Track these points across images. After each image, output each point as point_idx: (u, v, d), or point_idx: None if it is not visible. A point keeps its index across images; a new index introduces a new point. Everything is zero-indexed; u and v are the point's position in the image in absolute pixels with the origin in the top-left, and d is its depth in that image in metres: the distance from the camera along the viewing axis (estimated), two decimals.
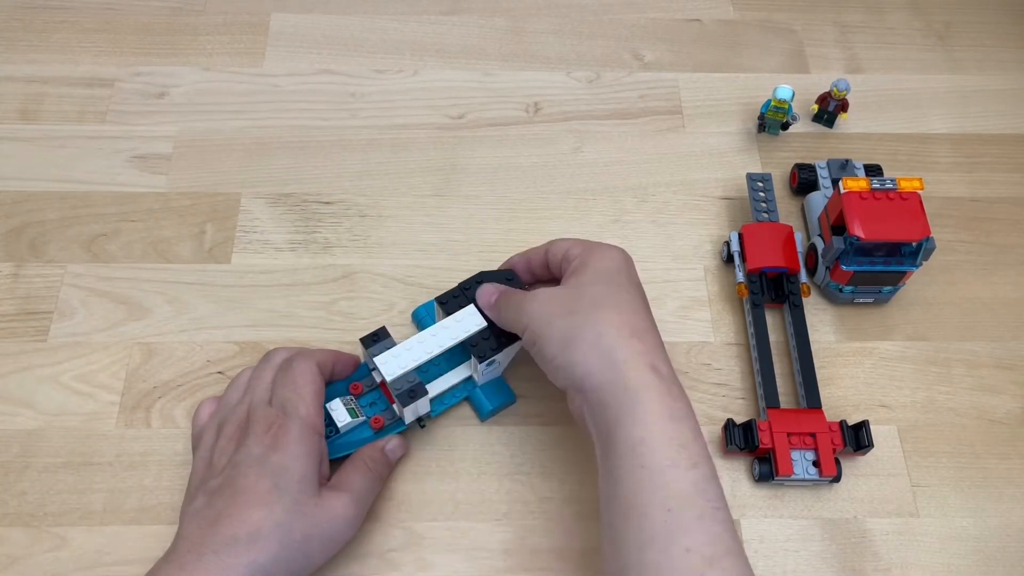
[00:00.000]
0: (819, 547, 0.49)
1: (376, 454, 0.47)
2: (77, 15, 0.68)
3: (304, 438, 0.43)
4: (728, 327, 0.56)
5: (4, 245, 0.57)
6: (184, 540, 0.41)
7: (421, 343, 0.48)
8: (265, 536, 0.40)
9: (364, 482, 0.45)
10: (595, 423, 0.41)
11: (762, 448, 0.49)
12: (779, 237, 0.56)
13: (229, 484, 0.42)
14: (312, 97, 0.65)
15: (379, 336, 0.49)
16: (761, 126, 0.64)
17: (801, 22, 0.72)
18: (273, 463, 0.42)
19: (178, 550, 0.41)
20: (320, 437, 0.45)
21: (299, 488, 0.42)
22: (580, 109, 0.66)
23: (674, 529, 0.37)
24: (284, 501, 0.41)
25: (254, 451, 0.43)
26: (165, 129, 0.63)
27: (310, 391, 0.45)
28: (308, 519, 0.42)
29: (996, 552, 0.49)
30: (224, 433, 0.45)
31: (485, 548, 0.48)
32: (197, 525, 0.41)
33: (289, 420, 0.44)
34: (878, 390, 0.54)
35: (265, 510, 0.41)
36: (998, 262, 0.60)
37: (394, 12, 0.70)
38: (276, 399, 0.45)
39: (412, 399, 0.47)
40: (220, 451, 0.44)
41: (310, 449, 0.43)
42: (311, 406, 0.45)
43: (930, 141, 0.65)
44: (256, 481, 0.41)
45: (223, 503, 0.41)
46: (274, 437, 0.43)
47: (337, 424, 0.48)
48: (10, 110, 0.63)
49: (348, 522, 0.44)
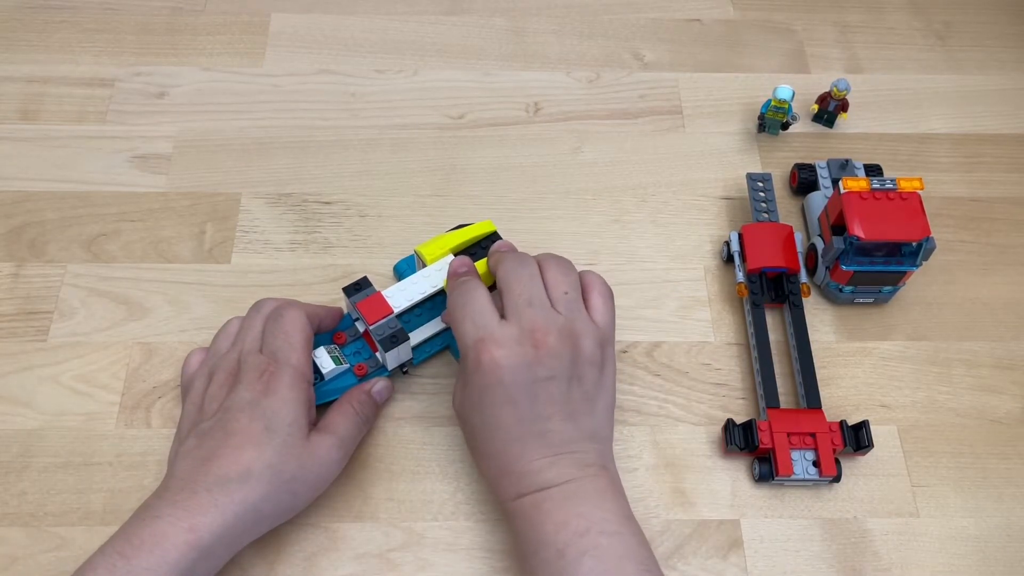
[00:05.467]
0: (819, 547, 0.49)
1: (362, 396, 0.49)
2: (77, 15, 0.68)
3: (295, 385, 0.45)
4: (728, 327, 0.56)
5: (4, 245, 0.57)
6: (175, 479, 0.42)
7: (402, 291, 0.50)
8: (256, 476, 0.41)
9: (349, 425, 0.47)
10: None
11: (762, 448, 0.49)
12: (779, 237, 0.56)
13: (221, 427, 0.43)
14: (312, 97, 0.65)
15: (361, 285, 0.50)
16: (761, 126, 0.64)
17: (801, 22, 0.72)
18: (264, 407, 0.43)
19: (170, 488, 0.42)
20: (309, 385, 0.46)
21: (289, 431, 0.43)
22: (580, 109, 0.66)
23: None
24: (275, 443, 0.42)
25: (246, 396, 0.44)
26: (165, 129, 0.63)
27: (300, 340, 0.46)
28: (297, 460, 0.43)
29: (996, 552, 0.49)
30: (215, 380, 0.46)
31: (485, 548, 0.48)
32: (189, 464, 0.42)
33: (281, 368, 0.45)
34: (878, 390, 0.54)
35: (256, 451, 0.42)
36: (998, 262, 0.60)
37: (394, 12, 0.70)
38: (267, 347, 0.46)
39: (394, 344, 0.49)
40: (211, 397, 0.45)
41: (300, 395, 0.45)
42: (301, 354, 0.46)
43: (930, 141, 0.65)
44: (248, 424, 0.43)
45: (215, 444, 0.42)
46: (266, 384, 0.44)
47: (322, 371, 0.49)
48: (10, 110, 0.63)
49: (334, 463, 0.45)
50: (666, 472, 0.51)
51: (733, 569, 0.48)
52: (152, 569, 0.38)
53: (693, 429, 0.52)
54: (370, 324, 0.48)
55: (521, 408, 0.43)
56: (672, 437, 0.52)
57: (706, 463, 0.51)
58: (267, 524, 0.44)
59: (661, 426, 0.52)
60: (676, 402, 0.53)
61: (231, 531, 0.41)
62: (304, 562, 0.47)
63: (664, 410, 0.53)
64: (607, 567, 0.39)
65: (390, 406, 0.52)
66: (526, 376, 0.43)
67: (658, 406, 0.53)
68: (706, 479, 0.51)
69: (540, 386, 0.43)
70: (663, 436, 0.52)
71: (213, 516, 0.40)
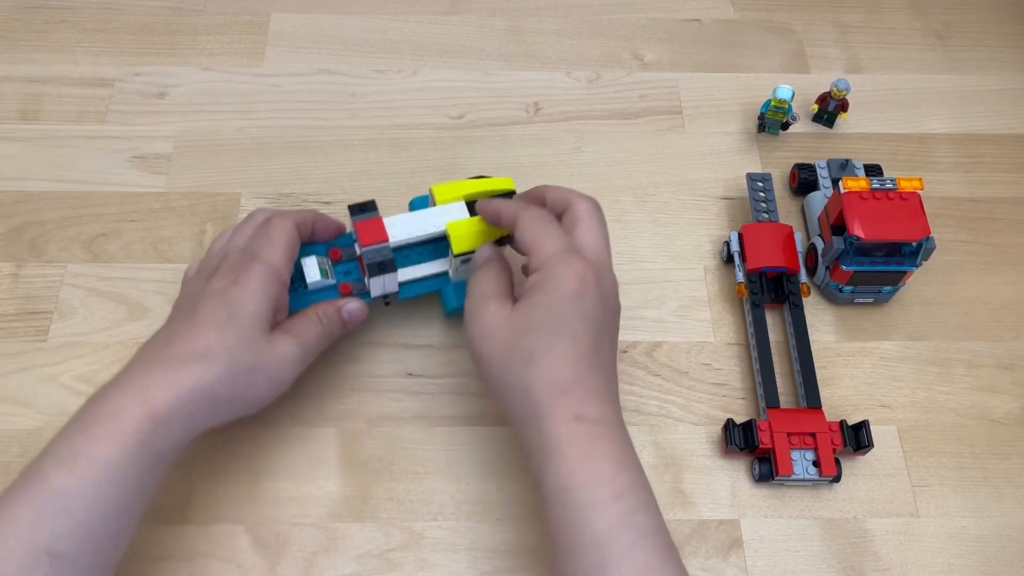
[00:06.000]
0: (819, 547, 0.49)
1: (331, 310, 0.49)
2: (77, 15, 0.68)
3: (265, 280, 0.45)
4: (728, 327, 0.56)
5: (4, 245, 0.57)
6: (137, 358, 0.43)
7: (403, 223, 0.50)
8: (213, 357, 0.42)
9: (312, 332, 0.47)
10: (527, 460, 0.42)
11: (762, 448, 0.49)
12: (779, 237, 0.56)
13: (189, 313, 0.44)
14: (312, 97, 0.65)
15: (366, 207, 0.50)
16: (761, 126, 0.64)
17: (801, 22, 0.72)
18: (231, 296, 0.44)
19: (130, 367, 0.43)
20: (282, 286, 0.47)
21: (252, 323, 0.44)
22: (580, 109, 0.66)
23: (603, 562, 0.37)
24: (235, 330, 0.43)
25: (217, 286, 0.45)
26: (165, 129, 0.63)
27: (282, 243, 0.47)
28: (256, 353, 0.44)
29: (996, 552, 0.49)
30: (200, 277, 0.48)
31: (485, 548, 0.48)
32: (152, 346, 0.44)
33: (255, 262, 0.46)
34: (878, 390, 0.54)
35: (217, 335, 0.43)
36: (998, 262, 0.60)
37: (394, 12, 0.70)
38: (248, 247, 0.47)
39: (381, 272, 0.49)
40: (192, 291, 0.47)
41: (269, 292, 0.45)
42: (280, 256, 0.46)
43: (930, 141, 0.65)
44: (213, 310, 0.44)
45: (180, 327, 0.44)
46: (236, 275, 0.45)
47: (307, 279, 0.49)
48: (10, 110, 0.63)
49: (292, 362, 0.46)
50: (666, 472, 0.51)
51: (733, 569, 0.48)
52: (109, 438, 0.38)
53: (693, 429, 0.52)
54: (363, 246, 0.49)
55: (594, 325, 0.42)
56: (672, 437, 0.52)
57: (706, 463, 0.51)
58: (223, 410, 0.44)
59: (661, 426, 0.52)
60: (676, 402, 0.53)
61: (186, 406, 0.41)
62: (304, 562, 0.47)
63: (664, 410, 0.53)
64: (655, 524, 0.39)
65: (390, 406, 0.52)
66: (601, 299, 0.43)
67: (658, 406, 0.53)
68: (706, 479, 0.51)
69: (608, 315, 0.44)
70: (663, 436, 0.52)
71: (167, 390, 0.40)
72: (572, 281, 0.42)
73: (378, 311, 0.55)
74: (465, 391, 0.53)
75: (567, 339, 0.41)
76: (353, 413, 0.52)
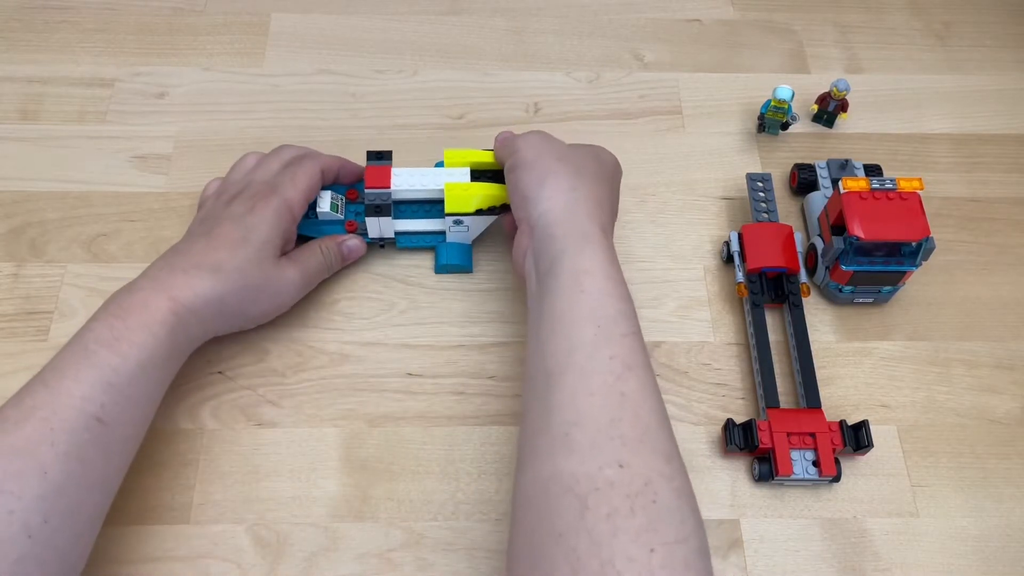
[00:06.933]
0: (819, 547, 0.49)
1: (332, 244, 0.54)
2: (77, 15, 0.68)
3: (280, 212, 0.50)
4: (728, 327, 0.56)
5: (4, 245, 0.57)
6: (159, 263, 0.48)
7: (410, 176, 0.55)
8: (225, 271, 0.47)
9: (314, 262, 0.53)
10: (539, 257, 0.46)
11: (762, 448, 0.49)
12: (779, 237, 0.56)
13: (207, 231, 0.49)
14: (312, 97, 0.65)
15: (383, 156, 0.55)
16: (761, 126, 0.64)
17: (801, 22, 0.72)
18: (247, 221, 0.49)
19: (151, 269, 0.47)
20: (294, 221, 0.52)
21: (262, 247, 0.49)
22: (580, 109, 0.66)
23: (601, 341, 0.41)
24: (247, 251, 0.48)
25: (236, 210, 0.50)
26: (165, 129, 0.63)
27: (304, 183, 0.52)
28: (263, 273, 0.49)
29: (996, 552, 0.49)
30: (220, 200, 0.52)
31: (485, 548, 0.48)
32: (172, 254, 0.48)
33: (273, 194, 0.51)
34: (878, 390, 0.54)
35: (229, 253, 0.48)
36: (998, 262, 0.60)
37: (394, 12, 0.70)
38: (272, 181, 0.52)
39: (376, 214, 0.54)
40: (212, 211, 0.51)
41: (281, 222, 0.50)
42: (299, 193, 0.52)
43: (930, 141, 0.65)
44: (229, 231, 0.49)
45: (199, 241, 0.49)
46: (254, 203, 0.50)
47: (317, 210, 0.54)
48: (10, 110, 0.63)
49: (294, 286, 0.51)
50: None
51: (733, 569, 0.48)
52: (143, 327, 0.43)
53: (693, 429, 0.52)
54: (366, 188, 0.54)
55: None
56: None
57: (706, 463, 0.51)
58: (230, 319, 0.49)
59: None
60: (676, 402, 0.53)
61: (201, 310, 0.46)
62: (304, 562, 0.47)
63: None
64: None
65: (390, 406, 0.52)
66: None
67: None
68: (706, 479, 0.51)
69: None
70: None
71: (186, 291, 0.46)
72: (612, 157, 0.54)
73: (382, 313, 0.56)
74: (465, 391, 0.53)
75: (607, 177, 0.51)
76: (353, 413, 0.52)
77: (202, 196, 0.55)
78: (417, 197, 0.56)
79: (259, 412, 0.52)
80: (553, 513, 0.37)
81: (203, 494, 0.49)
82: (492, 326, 0.55)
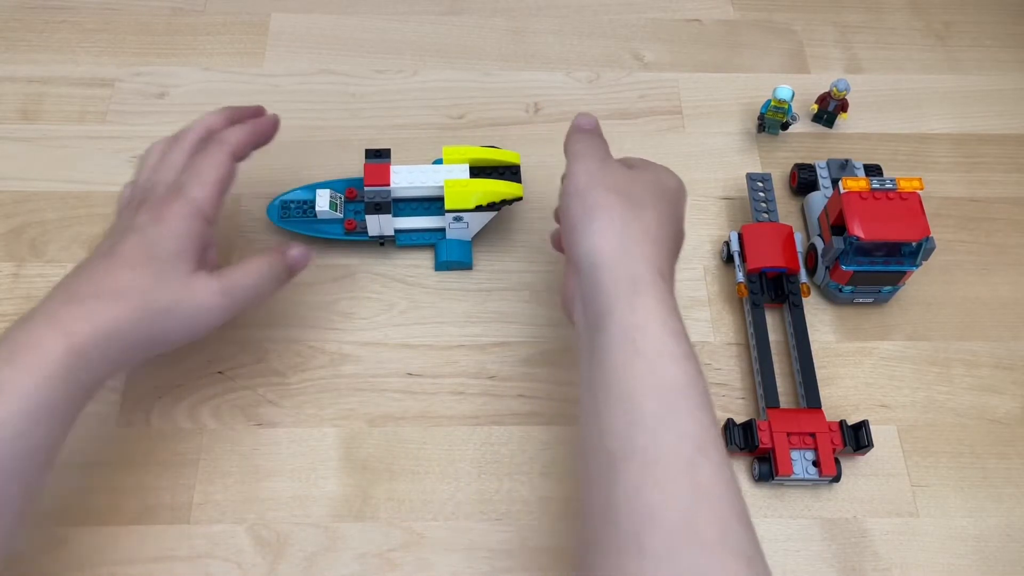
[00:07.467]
0: (819, 547, 0.49)
1: (275, 257, 0.47)
2: (77, 15, 0.68)
3: (189, 218, 0.44)
4: (728, 327, 0.56)
5: (4, 245, 0.57)
6: (56, 290, 0.42)
7: (408, 174, 0.55)
8: (127, 296, 0.41)
9: (248, 278, 0.45)
10: (588, 306, 0.41)
11: (762, 448, 0.49)
12: (779, 237, 0.56)
13: (109, 249, 0.43)
14: (312, 97, 0.65)
15: (381, 154, 0.55)
16: (761, 126, 0.64)
17: (801, 22, 0.72)
18: (152, 234, 0.43)
19: (49, 299, 0.41)
20: (207, 224, 0.45)
21: (171, 263, 0.43)
22: (580, 109, 0.65)
23: (665, 415, 0.36)
24: (153, 270, 0.42)
25: (139, 221, 0.44)
26: (165, 129, 0.62)
27: (212, 175, 0.46)
28: (172, 294, 0.42)
29: (996, 552, 0.49)
30: (130, 208, 0.46)
31: (485, 548, 0.48)
32: (72, 279, 0.42)
33: (179, 199, 0.44)
34: (878, 390, 0.54)
35: (132, 273, 0.42)
36: (998, 262, 0.60)
37: (394, 12, 0.70)
38: (178, 181, 0.46)
39: (375, 212, 0.53)
40: (119, 222, 0.46)
41: (192, 229, 0.44)
42: (208, 191, 0.45)
43: (930, 141, 0.65)
44: (133, 248, 0.43)
45: (100, 262, 0.43)
46: (159, 211, 0.44)
47: (316, 209, 0.55)
48: (10, 110, 0.63)
49: (212, 309, 0.44)
50: None
51: None
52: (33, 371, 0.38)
53: None
54: (365, 186, 0.54)
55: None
56: None
57: None
58: (141, 349, 0.42)
59: None
60: None
61: (103, 345, 0.40)
62: (304, 562, 0.47)
63: None
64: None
65: (390, 406, 0.52)
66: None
67: None
68: None
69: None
70: None
71: (83, 325, 0.39)
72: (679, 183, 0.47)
73: (382, 313, 0.56)
74: (465, 391, 0.53)
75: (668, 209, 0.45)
76: (353, 413, 0.52)
77: (118, 204, 0.49)
78: (416, 194, 0.56)
79: (259, 412, 0.52)
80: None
81: (203, 494, 0.49)
82: (492, 326, 0.55)
